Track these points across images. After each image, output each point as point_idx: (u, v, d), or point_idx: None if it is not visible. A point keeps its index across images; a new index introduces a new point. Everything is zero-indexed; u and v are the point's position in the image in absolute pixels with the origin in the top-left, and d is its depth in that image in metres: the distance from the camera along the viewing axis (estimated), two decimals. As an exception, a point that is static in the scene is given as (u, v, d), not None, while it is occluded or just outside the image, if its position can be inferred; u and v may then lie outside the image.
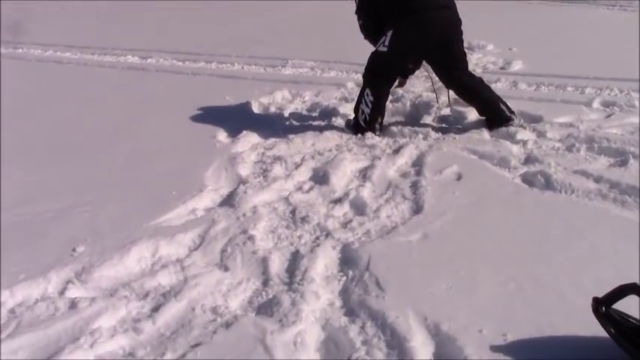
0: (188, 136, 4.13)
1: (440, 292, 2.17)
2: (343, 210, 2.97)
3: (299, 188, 3.25)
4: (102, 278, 2.42)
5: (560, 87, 5.12)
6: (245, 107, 4.84)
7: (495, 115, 4.03)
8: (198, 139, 4.04)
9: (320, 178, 3.35)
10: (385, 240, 2.57)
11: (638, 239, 2.43)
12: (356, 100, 4.17)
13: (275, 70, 6.38)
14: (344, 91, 5.29)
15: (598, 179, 3.09)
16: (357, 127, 4.10)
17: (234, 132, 4.20)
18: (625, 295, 1.71)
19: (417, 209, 2.87)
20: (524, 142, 3.75)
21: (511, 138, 3.84)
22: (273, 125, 4.35)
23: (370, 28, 4.09)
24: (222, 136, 4.14)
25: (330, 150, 3.81)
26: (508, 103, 4.06)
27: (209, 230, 2.74)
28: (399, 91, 4.83)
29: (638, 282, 1.70)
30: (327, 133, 4.07)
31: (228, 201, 3.10)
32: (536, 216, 2.73)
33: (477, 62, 6.04)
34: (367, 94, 4.03)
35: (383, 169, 3.41)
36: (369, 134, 4.02)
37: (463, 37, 4.05)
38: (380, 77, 4.04)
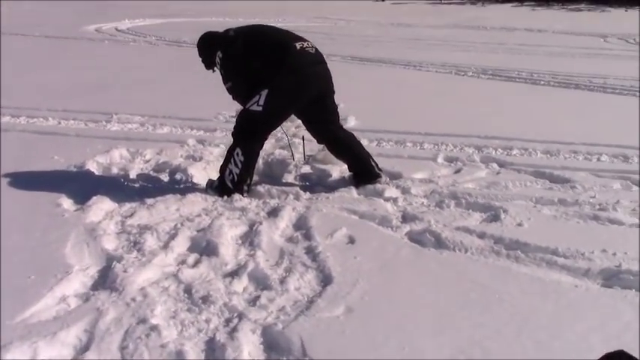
0: (25, 206, 3.49)
1: (395, 373, 2.00)
2: (242, 284, 2.68)
3: (183, 262, 2.88)
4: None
5: (400, 143, 5.35)
6: (82, 169, 4.28)
7: (366, 171, 4.05)
8: (40, 209, 3.44)
9: (203, 248, 3.02)
10: (309, 318, 2.33)
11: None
12: (223, 159, 3.91)
13: (99, 126, 5.80)
14: (188, 148, 4.96)
15: (481, 235, 3.19)
16: (222, 188, 3.82)
17: (79, 198, 3.66)
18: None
19: (325, 279, 2.69)
20: (394, 200, 3.79)
21: (380, 195, 3.87)
22: (123, 189, 3.88)
23: (241, 89, 3.88)
24: (66, 203, 3.58)
25: (199, 215, 3.48)
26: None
27: (97, 323, 2.27)
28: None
29: (623, 349, 1.69)
30: (190, 196, 3.73)
31: (105, 283, 2.62)
32: (446, 278, 2.71)
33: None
34: (237, 154, 3.79)
35: (267, 234, 3.18)
36: (236, 196, 3.76)
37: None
38: (252, 137, 3.83)
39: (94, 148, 4.78)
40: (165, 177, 4.25)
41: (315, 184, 4.16)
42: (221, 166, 3.90)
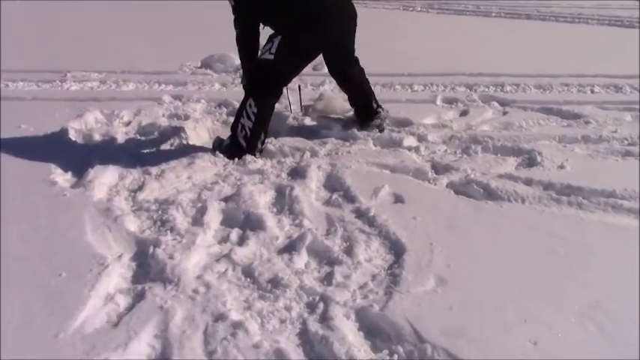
0: (14, 188, 3.00)
1: (532, 351, 1.78)
2: (303, 260, 2.38)
3: (225, 239, 2.54)
4: None
5: (388, 85, 5.09)
6: (60, 138, 3.77)
7: (368, 105, 3.91)
8: (34, 190, 2.97)
9: (243, 222, 2.68)
10: (404, 295, 2.07)
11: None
12: (235, 115, 3.53)
13: (54, 87, 5.23)
14: (167, 106, 4.52)
15: (528, 182, 3.01)
16: (235, 148, 3.46)
17: (73, 173, 3.24)
18: None
19: (395, 246, 2.42)
20: (417, 149, 3.55)
21: (399, 145, 3.64)
22: (116, 158, 3.42)
23: (250, 37, 3.48)
24: (61, 180, 3.13)
25: (215, 182, 3.12)
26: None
27: (167, 325, 1.92)
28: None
29: None
30: (199, 162, 3.34)
31: (150, 273, 2.26)
32: (522, 233, 2.50)
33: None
34: (250, 105, 3.42)
35: (305, 199, 2.87)
36: (248, 157, 3.41)
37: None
38: (265, 88, 3.46)
39: (62, 112, 4.27)
40: (156, 140, 3.81)
41: (323, 136, 3.85)
42: (232, 124, 3.53)
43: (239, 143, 3.46)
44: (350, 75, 3.87)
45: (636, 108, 4.25)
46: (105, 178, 3.13)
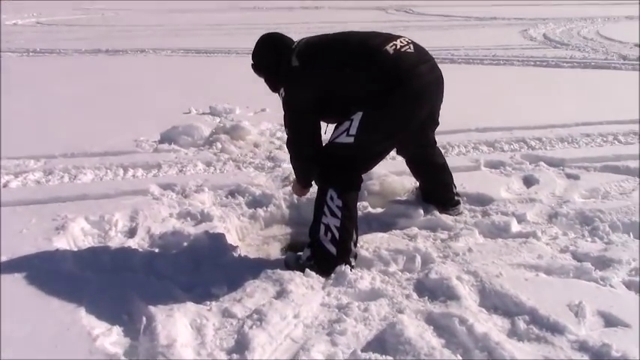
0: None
1: None
2: None
3: None
4: None
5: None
6: (53, 269, 2.64)
7: (447, 199, 3.20)
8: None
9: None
10: None
11: None
12: (314, 217, 2.64)
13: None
14: (166, 201, 3.49)
15: None
16: (323, 258, 2.60)
17: (120, 327, 2.18)
18: None
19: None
20: (535, 235, 2.90)
21: (507, 232, 2.95)
22: (159, 296, 2.38)
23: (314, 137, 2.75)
24: (107, 343, 2.06)
25: (336, 320, 2.23)
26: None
27: None
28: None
29: None
30: (292, 288, 2.40)
31: None
32: None
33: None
34: (332, 199, 2.59)
35: (488, 332, 2.06)
36: (346, 270, 2.54)
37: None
38: (345, 176, 2.65)
39: (28, 224, 3.08)
40: (191, 256, 2.79)
41: (404, 227, 3.06)
42: (311, 229, 2.65)
43: (326, 251, 2.58)
44: (431, 164, 3.15)
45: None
46: (181, 336, 2.10)
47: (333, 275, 2.54)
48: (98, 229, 3.10)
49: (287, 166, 4.06)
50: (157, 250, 2.87)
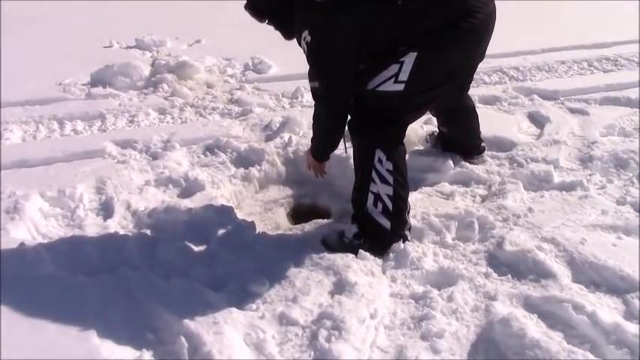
0: None
1: None
2: None
3: None
4: None
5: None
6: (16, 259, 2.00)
7: (474, 147, 2.84)
8: None
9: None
10: None
11: None
12: (356, 184, 2.18)
13: None
14: (134, 164, 2.86)
15: None
16: (375, 234, 2.16)
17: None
18: None
19: None
20: (582, 185, 2.58)
21: (549, 183, 2.65)
22: (183, 303, 1.87)
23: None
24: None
25: (423, 317, 1.83)
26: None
27: None
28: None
29: None
30: (351, 277, 1.95)
31: None
32: None
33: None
34: (380, 161, 2.12)
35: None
36: (402, 246, 2.12)
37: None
38: (392, 132, 2.18)
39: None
40: (199, 239, 2.25)
41: (433, 183, 2.68)
42: (355, 198, 2.18)
43: (379, 225, 2.13)
44: (461, 109, 2.74)
45: None
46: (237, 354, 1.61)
47: (391, 255, 2.10)
48: (61, 207, 2.45)
49: (260, 111, 3.50)
50: (149, 233, 2.30)
